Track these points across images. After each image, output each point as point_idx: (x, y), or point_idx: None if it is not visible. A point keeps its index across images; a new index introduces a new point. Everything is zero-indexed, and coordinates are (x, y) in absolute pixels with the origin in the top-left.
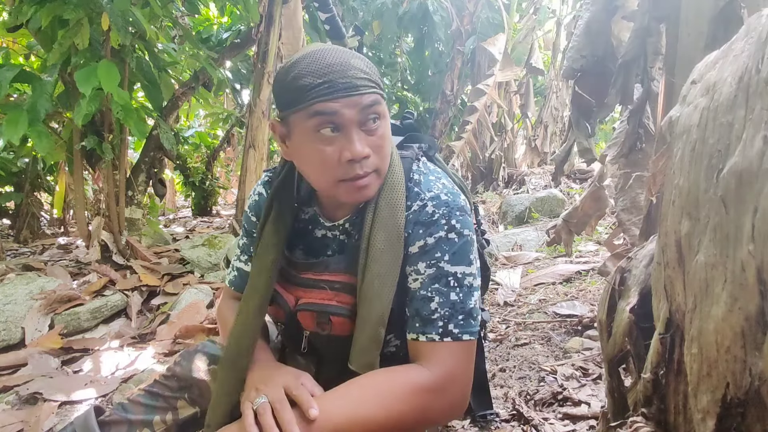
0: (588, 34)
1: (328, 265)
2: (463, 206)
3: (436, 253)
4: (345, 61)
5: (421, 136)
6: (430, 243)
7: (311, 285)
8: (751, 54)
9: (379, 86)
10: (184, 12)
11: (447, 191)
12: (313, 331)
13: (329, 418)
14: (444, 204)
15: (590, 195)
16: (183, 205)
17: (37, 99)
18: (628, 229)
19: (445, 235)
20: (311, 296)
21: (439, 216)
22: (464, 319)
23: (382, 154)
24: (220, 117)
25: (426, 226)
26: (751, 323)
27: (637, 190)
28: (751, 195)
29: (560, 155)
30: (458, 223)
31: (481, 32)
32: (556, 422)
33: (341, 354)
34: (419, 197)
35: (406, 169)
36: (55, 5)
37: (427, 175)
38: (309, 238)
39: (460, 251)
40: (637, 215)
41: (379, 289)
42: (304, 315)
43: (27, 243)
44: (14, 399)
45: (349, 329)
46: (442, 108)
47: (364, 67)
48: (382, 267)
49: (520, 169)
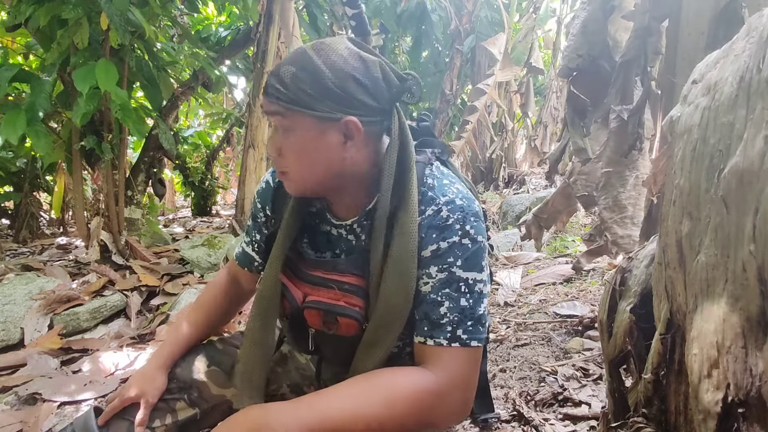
0: (584, 34)
1: (336, 265)
2: (478, 212)
3: (449, 258)
4: (280, 65)
5: (434, 141)
6: (444, 247)
7: (319, 283)
8: (752, 54)
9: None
10: (184, 11)
11: (462, 196)
12: (319, 329)
13: (330, 414)
14: (459, 209)
15: (561, 191)
16: (182, 205)
17: (35, 99)
18: (610, 227)
19: (459, 240)
20: (319, 294)
21: (453, 221)
22: (473, 326)
23: (290, 162)
24: (220, 117)
25: (440, 230)
26: (752, 323)
27: (619, 189)
28: (752, 195)
29: (555, 154)
30: (472, 228)
31: (480, 31)
32: (557, 423)
33: (344, 354)
34: (434, 202)
35: (420, 174)
36: (54, 5)
37: (441, 179)
38: (314, 231)
39: (473, 257)
40: (619, 214)
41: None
42: (311, 313)
43: (26, 243)
44: (13, 399)
45: (356, 330)
46: (442, 107)
47: (287, 77)
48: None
49: (521, 168)
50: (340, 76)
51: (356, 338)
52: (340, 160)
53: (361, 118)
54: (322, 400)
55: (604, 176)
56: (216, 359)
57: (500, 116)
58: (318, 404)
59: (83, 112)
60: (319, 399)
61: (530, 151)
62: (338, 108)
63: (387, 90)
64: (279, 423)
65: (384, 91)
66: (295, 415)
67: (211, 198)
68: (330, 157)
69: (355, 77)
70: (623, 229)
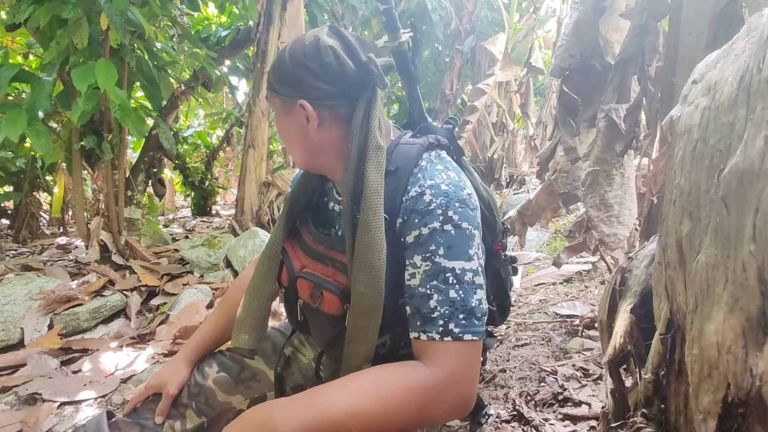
0: (576, 34)
1: (334, 244)
2: (465, 199)
3: (431, 246)
4: (278, 54)
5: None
6: (425, 234)
7: (318, 258)
8: (753, 53)
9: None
10: (184, 11)
11: (450, 182)
12: (306, 302)
13: (327, 409)
14: (443, 194)
15: (544, 189)
16: (182, 205)
17: (35, 98)
18: (596, 226)
19: (440, 227)
20: (315, 268)
21: (435, 206)
22: (466, 318)
23: (284, 141)
24: (220, 117)
25: (421, 215)
26: (752, 324)
27: (606, 188)
28: (752, 195)
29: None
30: (456, 214)
31: (480, 31)
32: (557, 423)
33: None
34: (418, 183)
35: (414, 155)
36: (54, 4)
37: (435, 164)
38: (321, 208)
39: (457, 245)
40: (606, 212)
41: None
42: (302, 283)
43: (26, 243)
44: (13, 399)
45: (338, 309)
46: (442, 107)
47: (277, 65)
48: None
49: (521, 168)
50: (294, 62)
51: (338, 320)
52: (307, 140)
53: (312, 101)
54: (322, 396)
55: (591, 175)
56: (225, 366)
57: (500, 116)
58: (317, 400)
59: (82, 111)
60: (318, 395)
61: (530, 151)
62: (292, 92)
63: (341, 74)
64: (281, 420)
65: (338, 75)
66: (296, 412)
67: (211, 198)
68: (300, 137)
69: (305, 63)
70: (609, 227)
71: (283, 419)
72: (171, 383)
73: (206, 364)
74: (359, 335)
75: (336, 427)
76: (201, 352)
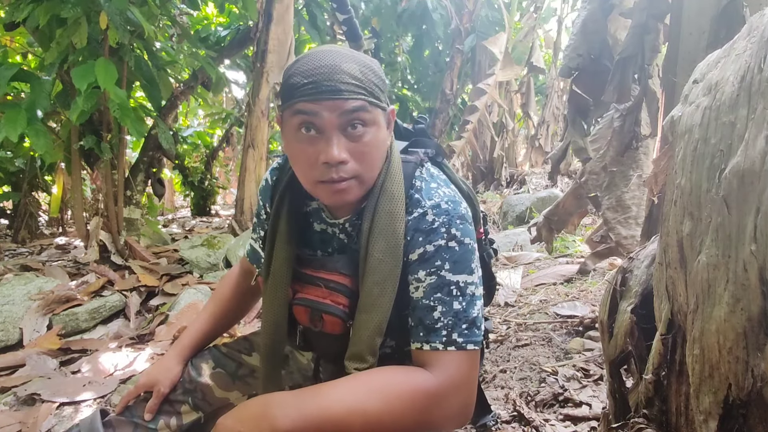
0: (584, 33)
1: (325, 264)
2: (464, 215)
3: (437, 262)
4: (335, 64)
5: (428, 142)
6: (430, 251)
7: (308, 281)
8: (754, 53)
9: (370, 93)
10: (183, 10)
11: (448, 200)
12: (307, 326)
13: (330, 406)
14: (444, 213)
15: (572, 193)
16: (182, 205)
17: (35, 98)
18: (614, 228)
19: (445, 244)
20: (307, 292)
21: (439, 224)
22: (468, 329)
23: (366, 161)
24: (220, 117)
25: (426, 234)
26: (753, 324)
27: (623, 189)
28: (753, 195)
29: (557, 154)
30: (458, 231)
31: (480, 31)
32: (557, 423)
33: (333, 351)
34: (420, 204)
35: (409, 174)
36: (53, 3)
37: (429, 182)
38: (307, 231)
39: (461, 260)
40: (623, 214)
41: (378, 298)
42: (298, 310)
43: (25, 243)
44: (12, 400)
45: (341, 328)
46: (442, 107)
47: (356, 72)
48: (381, 275)
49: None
50: (378, 71)
51: (342, 337)
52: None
53: None
54: (323, 392)
55: (608, 176)
56: (221, 362)
57: (501, 116)
58: (319, 396)
59: (81, 111)
60: (320, 391)
61: (534, 151)
62: (385, 99)
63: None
64: (281, 412)
65: None
66: (297, 405)
67: (211, 198)
68: (384, 150)
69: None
70: (627, 229)
71: (283, 411)
72: (162, 381)
73: (201, 360)
74: (373, 304)
75: (336, 423)
76: (193, 348)
